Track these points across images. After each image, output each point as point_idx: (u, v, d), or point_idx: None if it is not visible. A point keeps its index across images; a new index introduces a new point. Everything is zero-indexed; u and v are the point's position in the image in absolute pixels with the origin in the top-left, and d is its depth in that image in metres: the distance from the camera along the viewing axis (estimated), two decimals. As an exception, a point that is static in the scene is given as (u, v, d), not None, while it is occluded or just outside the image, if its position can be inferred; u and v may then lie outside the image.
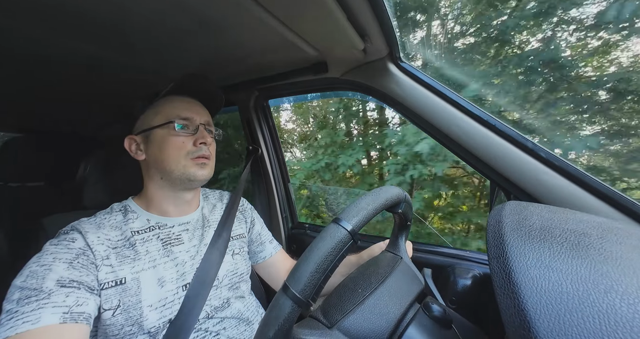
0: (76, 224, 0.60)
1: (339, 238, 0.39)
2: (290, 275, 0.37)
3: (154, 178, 0.69)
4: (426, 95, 0.80)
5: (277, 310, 0.35)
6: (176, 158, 0.65)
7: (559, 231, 0.34)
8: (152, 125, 0.67)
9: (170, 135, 0.66)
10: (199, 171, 0.67)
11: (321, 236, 0.39)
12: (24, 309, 0.44)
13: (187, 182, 0.67)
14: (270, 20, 0.66)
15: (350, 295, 0.48)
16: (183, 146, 0.66)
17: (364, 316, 0.44)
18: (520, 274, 0.28)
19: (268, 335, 0.34)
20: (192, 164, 0.66)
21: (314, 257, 0.37)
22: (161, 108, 0.68)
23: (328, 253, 0.37)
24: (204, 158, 0.68)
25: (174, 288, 0.61)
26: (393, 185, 0.55)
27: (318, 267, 0.37)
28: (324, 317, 0.44)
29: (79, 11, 0.62)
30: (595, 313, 0.23)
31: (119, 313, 0.55)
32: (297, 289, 0.35)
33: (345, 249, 0.39)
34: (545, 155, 0.68)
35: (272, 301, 0.36)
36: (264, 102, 1.21)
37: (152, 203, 0.69)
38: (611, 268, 0.27)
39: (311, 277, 0.36)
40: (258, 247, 0.86)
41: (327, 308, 0.45)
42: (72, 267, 0.52)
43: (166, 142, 0.65)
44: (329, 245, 0.38)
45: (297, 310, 0.35)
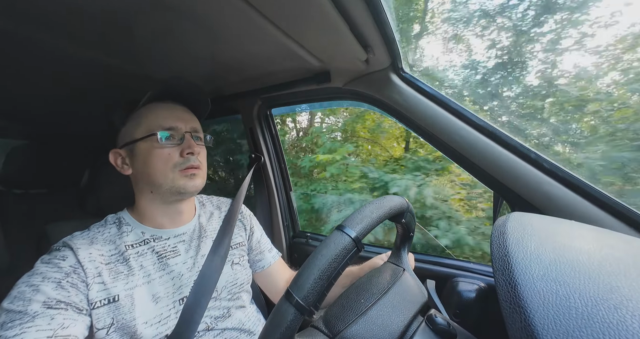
0: (68, 240, 0.59)
1: (342, 246, 0.38)
2: (293, 282, 0.36)
3: (144, 192, 0.66)
4: (429, 106, 0.80)
5: (279, 317, 0.34)
6: (163, 172, 0.61)
7: (565, 244, 0.34)
8: (134, 137, 0.63)
9: (155, 147, 0.62)
10: (189, 182, 0.63)
11: (325, 243, 0.39)
12: (7, 334, 0.43)
13: (178, 195, 0.64)
14: (274, 30, 0.68)
15: (353, 305, 0.47)
16: (169, 158, 0.62)
17: (366, 327, 0.43)
18: (526, 287, 0.27)
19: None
20: (181, 176, 0.62)
21: (317, 264, 0.37)
22: (143, 118, 0.64)
23: (332, 260, 0.37)
24: (193, 169, 0.64)
25: (170, 303, 0.60)
26: (397, 195, 0.55)
27: (322, 274, 0.36)
28: (326, 327, 0.43)
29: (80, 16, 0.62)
30: (605, 329, 0.22)
31: (112, 331, 0.54)
32: (300, 296, 0.35)
33: (349, 257, 0.39)
34: (548, 166, 0.68)
35: (274, 308, 0.36)
36: (267, 111, 1.23)
37: (145, 215, 0.67)
38: (620, 283, 0.27)
39: (314, 284, 0.35)
40: (257, 256, 0.84)
41: (329, 318, 0.45)
42: (60, 287, 0.51)
43: (151, 156, 0.61)
44: (333, 252, 0.38)
45: (300, 318, 0.35)
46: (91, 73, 0.91)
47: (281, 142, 1.28)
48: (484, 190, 1.97)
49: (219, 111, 1.31)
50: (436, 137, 0.80)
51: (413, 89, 0.83)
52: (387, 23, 0.65)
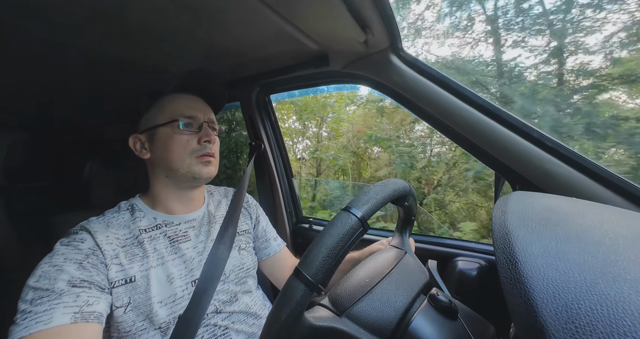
0: (85, 224, 0.61)
1: (349, 225, 0.39)
2: (302, 260, 0.38)
3: (159, 176, 0.69)
4: (429, 86, 0.79)
5: (290, 293, 0.35)
6: (181, 157, 0.66)
7: (565, 220, 0.34)
8: (156, 123, 0.67)
9: (175, 133, 0.66)
10: (204, 169, 0.67)
11: (332, 223, 0.40)
12: (37, 309, 0.45)
13: (192, 180, 0.68)
14: (270, 14, 0.65)
15: (358, 285, 0.48)
16: (188, 144, 0.66)
17: (372, 304, 0.45)
18: (526, 264, 0.28)
19: (280, 318, 0.35)
20: (197, 162, 0.67)
21: (325, 242, 0.38)
22: (165, 106, 0.69)
23: (339, 239, 0.38)
24: (209, 156, 0.68)
25: (183, 284, 0.62)
26: (400, 179, 0.55)
27: (330, 252, 0.37)
28: (333, 305, 0.45)
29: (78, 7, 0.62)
30: (603, 301, 0.23)
31: (130, 310, 0.56)
32: (309, 273, 0.36)
33: (356, 236, 0.40)
34: (550, 144, 0.67)
35: (284, 285, 0.37)
36: (266, 97, 1.21)
37: (158, 201, 0.70)
38: (619, 257, 0.27)
39: (323, 262, 0.37)
40: (263, 244, 0.86)
41: (335, 297, 0.46)
42: (82, 267, 0.53)
43: (171, 141, 0.66)
44: (340, 231, 0.39)
45: (309, 294, 0.36)
46: (90, 65, 0.90)
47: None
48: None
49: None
50: (436, 118, 0.79)
51: (413, 70, 0.81)
52: (385, 2, 0.63)
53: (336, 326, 0.40)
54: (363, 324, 0.42)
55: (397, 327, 0.43)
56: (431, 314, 0.46)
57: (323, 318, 0.41)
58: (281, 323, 0.34)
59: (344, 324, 0.41)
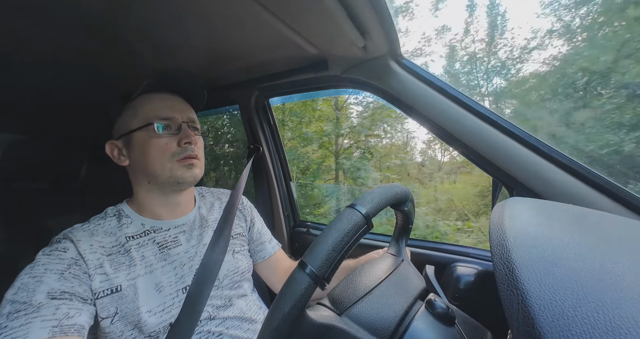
0: (68, 232, 0.59)
1: (355, 221, 0.40)
2: (307, 252, 0.38)
3: (142, 183, 0.66)
4: (427, 92, 0.79)
5: (294, 285, 0.35)
6: (161, 162, 0.62)
7: (562, 227, 0.34)
8: (131, 128, 0.63)
9: (152, 137, 0.62)
10: (187, 172, 0.63)
11: (338, 218, 0.40)
12: (12, 324, 0.44)
13: (176, 185, 0.65)
14: (269, 18, 0.66)
15: (357, 287, 0.48)
16: (167, 148, 0.62)
17: (371, 305, 0.45)
18: (523, 270, 0.28)
19: (284, 310, 0.34)
20: (179, 166, 0.63)
21: (331, 236, 0.38)
22: (139, 108, 0.64)
23: (344, 234, 0.38)
24: (191, 159, 0.64)
25: (172, 292, 0.61)
26: (402, 185, 0.56)
27: (335, 246, 0.37)
28: (333, 305, 0.45)
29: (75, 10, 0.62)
30: (600, 308, 0.23)
31: (117, 320, 0.55)
32: (314, 266, 0.36)
33: (360, 233, 0.40)
34: (547, 151, 0.68)
35: (288, 277, 0.37)
36: (265, 101, 1.21)
37: (144, 207, 0.67)
38: (615, 264, 0.27)
39: (328, 255, 0.37)
40: (258, 246, 0.85)
41: (335, 297, 0.46)
42: (63, 278, 0.51)
43: (148, 145, 0.62)
44: (346, 226, 0.39)
45: (313, 287, 0.36)
46: (87, 66, 0.90)
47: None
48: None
49: (216, 102, 1.29)
50: (435, 124, 0.80)
51: (411, 75, 0.82)
52: (385, 8, 0.63)
53: (336, 324, 0.40)
54: (363, 325, 0.42)
55: (395, 330, 0.43)
56: (428, 320, 0.45)
57: (323, 316, 0.40)
58: (284, 314, 0.34)
59: (344, 323, 0.41)
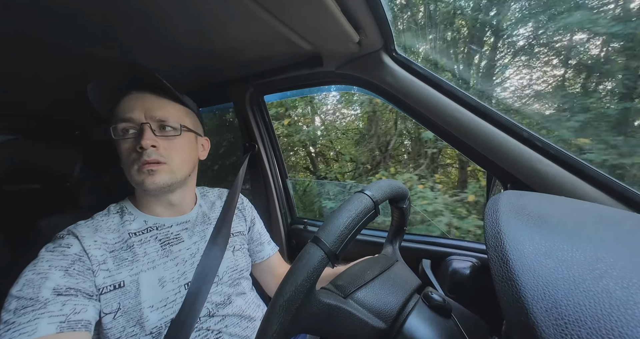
0: (72, 228, 0.59)
1: (365, 204, 0.41)
2: (320, 229, 0.38)
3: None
4: (421, 87, 0.80)
5: (307, 258, 0.36)
6: (126, 166, 0.60)
7: (555, 219, 0.35)
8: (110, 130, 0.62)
9: (117, 141, 0.60)
10: (147, 179, 0.59)
11: (350, 200, 0.41)
12: (20, 320, 0.44)
13: (142, 191, 0.63)
14: (263, 14, 0.65)
15: (360, 274, 0.49)
16: (129, 153, 0.59)
17: (374, 291, 0.46)
18: (517, 262, 0.29)
19: (296, 282, 0.34)
20: (138, 173, 0.59)
21: (343, 214, 0.39)
22: (114, 110, 0.62)
23: (356, 215, 0.39)
24: (151, 164, 0.59)
25: (175, 287, 0.61)
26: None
27: (347, 224, 0.38)
28: (337, 289, 0.45)
29: (66, 7, 0.60)
30: (591, 297, 0.24)
31: (119, 316, 0.55)
32: (327, 241, 0.36)
33: (369, 216, 0.41)
34: (540, 144, 0.69)
35: (301, 251, 0.37)
36: (260, 98, 1.21)
37: (144, 205, 0.68)
38: (606, 253, 0.28)
39: (340, 232, 0.37)
40: (257, 247, 0.86)
41: (339, 283, 0.47)
42: (68, 274, 0.51)
43: (119, 149, 0.61)
44: (357, 207, 0.40)
45: (326, 261, 0.36)
46: (77, 65, 0.88)
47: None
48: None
49: (209, 99, 1.28)
50: (430, 119, 0.80)
51: (406, 70, 0.82)
52: (378, 3, 0.63)
53: (342, 306, 0.41)
54: (367, 307, 0.43)
55: (396, 318, 0.44)
56: (425, 313, 0.46)
57: (330, 297, 0.41)
58: (296, 286, 0.34)
59: (349, 305, 0.42)
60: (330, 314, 0.39)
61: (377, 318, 0.42)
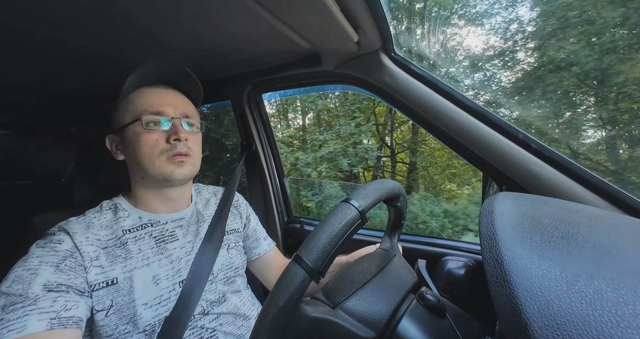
0: (64, 224, 0.58)
1: (349, 216, 0.40)
2: (302, 246, 0.38)
3: (136, 177, 0.66)
4: (419, 87, 0.80)
5: (289, 278, 0.35)
6: (150, 158, 0.61)
7: (549, 221, 0.35)
8: (123, 122, 0.63)
9: (141, 132, 0.61)
10: (177, 170, 0.62)
11: (333, 213, 0.40)
12: (9, 316, 0.43)
13: (166, 182, 0.64)
14: (262, 12, 0.65)
15: (351, 280, 0.49)
16: (156, 144, 0.61)
17: (364, 298, 0.45)
18: (511, 263, 0.29)
19: (279, 303, 0.34)
20: (167, 163, 0.62)
21: (326, 230, 0.38)
22: (130, 103, 0.63)
23: (339, 228, 0.39)
24: (181, 156, 0.63)
25: (169, 285, 0.61)
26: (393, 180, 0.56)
27: (330, 240, 0.38)
28: (327, 298, 0.45)
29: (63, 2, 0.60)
30: (583, 298, 0.24)
31: (112, 313, 0.55)
32: (309, 259, 0.36)
33: (355, 227, 0.40)
34: (536, 146, 0.69)
35: (283, 270, 0.37)
36: (257, 96, 1.20)
37: (141, 201, 0.67)
38: (598, 255, 0.28)
39: (323, 249, 0.37)
40: (253, 243, 0.85)
41: (329, 291, 0.47)
42: (59, 270, 0.50)
43: (138, 141, 0.61)
44: (340, 220, 0.39)
45: (308, 280, 0.36)
46: (73, 60, 0.87)
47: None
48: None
49: (207, 97, 1.26)
50: (426, 119, 0.81)
51: (404, 71, 0.82)
52: (378, 3, 0.63)
53: (330, 318, 0.40)
54: (356, 317, 0.43)
55: (388, 323, 0.44)
56: (420, 312, 0.46)
57: (318, 310, 0.41)
58: (279, 307, 0.34)
59: (338, 316, 0.42)
60: (318, 328, 0.39)
61: (366, 328, 0.42)
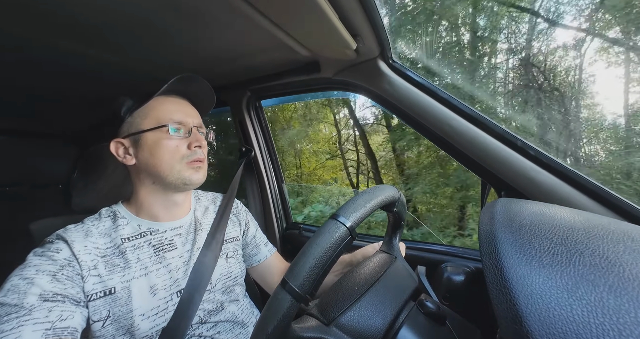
0: (62, 233, 0.57)
1: (338, 234, 0.39)
2: (289, 270, 0.37)
3: (145, 182, 0.66)
4: (418, 94, 0.80)
5: (276, 305, 0.35)
6: (170, 163, 0.63)
7: (548, 227, 0.35)
8: (142, 128, 0.64)
9: (164, 138, 0.63)
10: (194, 175, 0.65)
11: (320, 232, 0.39)
12: (3, 327, 0.42)
13: (183, 186, 0.66)
14: (262, 20, 0.66)
15: (346, 293, 0.48)
16: (177, 150, 0.64)
17: (360, 313, 0.44)
18: (511, 270, 0.29)
19: (267, 331, 0.34)
20: (187, 168, 0.65)
21: (312, 252, 0.37)
22: (152, 110, 0.66)
23: (327, 249, 0.38)
24: (199, 162, 0.66)
25: (167, 295, 0.60)
26: (389, 185, 0.56)
27: (317, 262, 0.37)
28: (321, 314, 0.44)
29: (62, 8, 0.61)
30: (584, 305, 0.24)
31: (109, 324, 0.54)
32: (295, 284, 0.35)
33: (344, 245, 0.39)
34: (534, 153, 0.70)
35: (270, 296, 0.36)
36: (257, 103, 1.21)
37: (143, 208, 0.67)
38: (598, 262, 0.28)
39: (310, 272, 0.36)
40: (253, 250, 0.84)
41: (324, 306, 0.46)
42: (56, 280, 0.50)
43: (159, 146, 0.63)
44: (328, 240, 0.38)
45: (296, 305, 0.35)
46: (73, 66, 0.88)
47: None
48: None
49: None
50: (425, 126, 0.81)
51: (402, 78, 0.83)
52: (375, 11, 0.64)
53: (324, 337, 0.40)
54: (351, 334, 0.42)
55: (385, 334, 0.43)
56: (420, 320, 0.46)
57: (311, 328, 0.40)
58: (267, 335, 0.34)
59: (331, 334, 0.41)
60: None
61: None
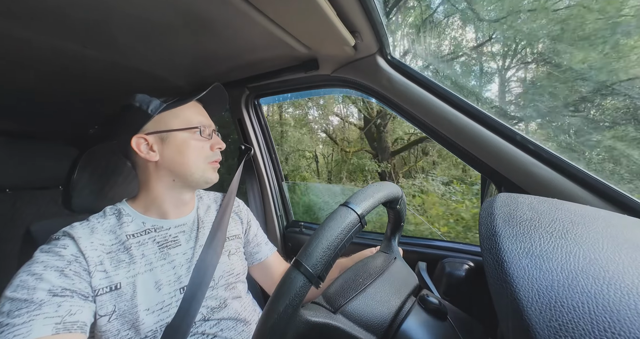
0: (68, 229, 0.58)
1: (348, 220, 0.40)
2: (302, 251, 0.38)
3: (164, 179, 0.67)
4: (416, 90, 0.80)
5: (289, 284, 0.35)
6: (196, 162, 0.68)
7: (548, 222, 0.35)
8: (171, 127, 0.66)
9: (193, 139, 0.68)
10: (213, 174, 0.72)
11: (331, 217, 0.40)
12: (15, 321, 0.43)
13: (204, 184, 0.71)
14: (259, 17, 0.66)
15: (352, 284, 0.49)
16: (202, 150, 0.69)
17: (366, 302, 0.45)
18: (512, 264, 0.29)
19: (278, 309, 0.34)
20: (209, 168, 0.70)
21: (325, 235, 0.38)
22: (181, 111, 0.69)
23: (339, 232, 0.39)
24: (217, 162, 0.72)
25: (171, 291, 0.61)
26: (392, 183, 0.56)
27: (329, 244, 0.38)
28: (327, 303, 0.45)
29: (61, 9, 0.60)
30: (585, 299, 0.24)
31: (114, 319, 0.55)
32: (308, 264, 0.36)
33: (354, 231, 0.40)
34: (533, 148, 0.70)
35: (283, 276, 0.37)
36: (255, 101, 1.21)
37: (154, 204, 0.68)
38: (598, 255, 0.28)
39: (323, 253, 0.37)
40: (254, 249, 0.85)
41: (330, 295, 0.46)
42: (64, 275, 0.51)
43: (187, 146, 0.67)
44: (339, 224, 0.39)
45: (308, 285, 0.36)
46: (73, 66, 0.88)
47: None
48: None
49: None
50: (424, 122, 0.81)
51: (401, 74, 0.83)
52: (374, 7, 0.64)
53: (331, 322, 0.40)
54: (357, 322, 0.42)
55: (389, 326, 0.43)
56: (421, 315, 0.46)
57: (318, 314, 0.40)
58: (279, 313, 0.34)
59: (338, 320, 0.41)
60: (319, 333, 0.39)
61: (368, 332, 0.42)
